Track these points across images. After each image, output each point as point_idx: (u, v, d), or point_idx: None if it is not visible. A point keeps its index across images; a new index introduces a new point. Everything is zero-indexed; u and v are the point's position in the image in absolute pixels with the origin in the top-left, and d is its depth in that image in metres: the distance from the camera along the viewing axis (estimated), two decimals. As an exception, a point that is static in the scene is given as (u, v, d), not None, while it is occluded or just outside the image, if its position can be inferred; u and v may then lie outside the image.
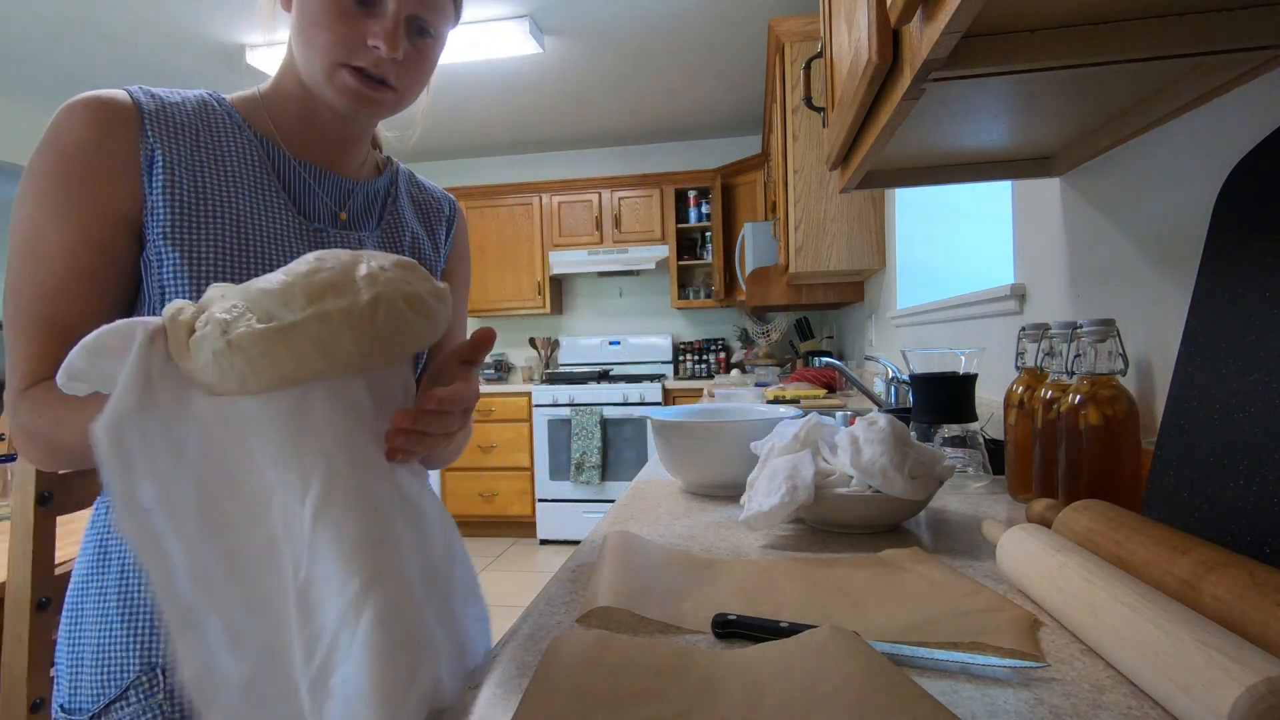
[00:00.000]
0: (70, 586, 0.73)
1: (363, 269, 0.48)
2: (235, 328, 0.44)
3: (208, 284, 0.63)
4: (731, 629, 0.54)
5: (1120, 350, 0.76)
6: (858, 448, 0.80)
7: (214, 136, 0.69)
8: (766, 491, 0.78)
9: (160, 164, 0.64)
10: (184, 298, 0.60)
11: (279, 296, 0.46)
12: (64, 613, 0.73)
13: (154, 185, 0.63)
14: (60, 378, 0.45)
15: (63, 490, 1.14)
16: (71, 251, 0.61)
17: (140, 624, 0.67)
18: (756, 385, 3.36)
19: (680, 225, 4.72)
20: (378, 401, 0.52)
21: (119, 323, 0.46)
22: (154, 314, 0.62)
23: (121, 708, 0.66)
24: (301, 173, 0.74)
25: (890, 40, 0.62)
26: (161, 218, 0.63)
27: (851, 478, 0.81)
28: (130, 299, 0.66)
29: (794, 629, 0.52)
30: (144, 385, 0.44)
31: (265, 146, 0.72)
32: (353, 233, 0.76)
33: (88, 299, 0.62)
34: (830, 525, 0.82)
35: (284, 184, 0.72)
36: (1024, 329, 0.96)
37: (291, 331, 0.45)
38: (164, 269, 0.63)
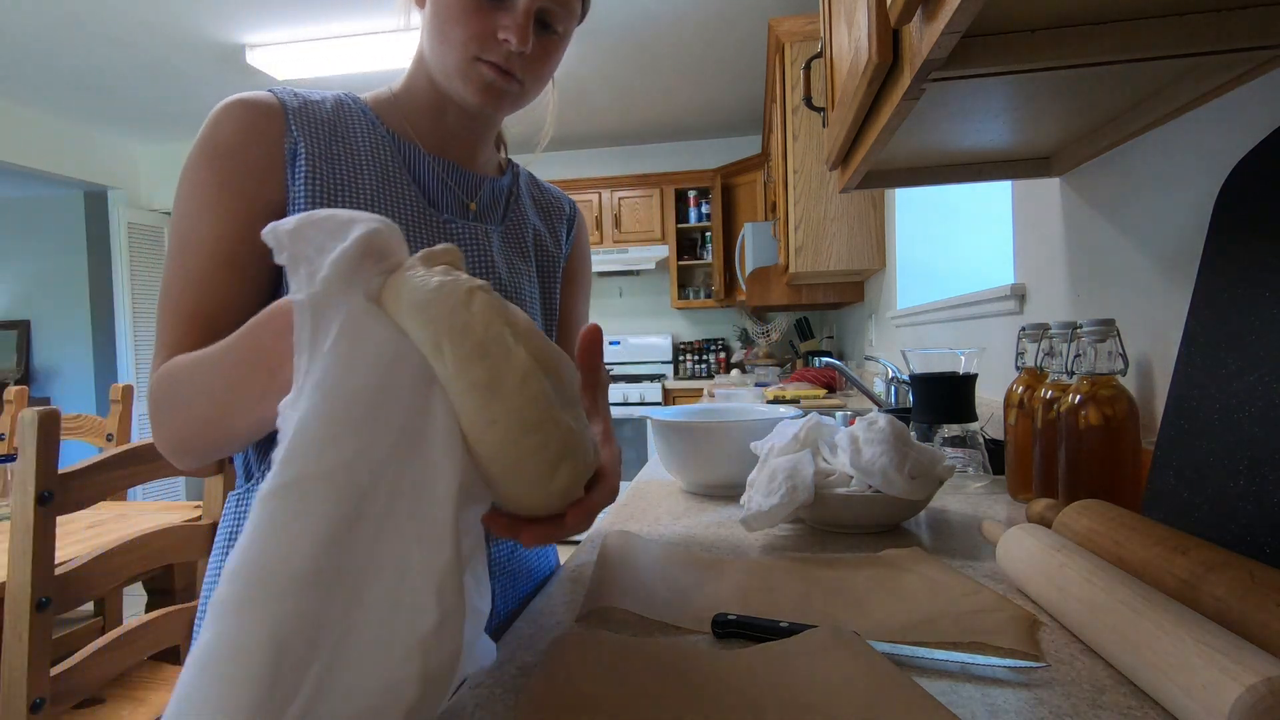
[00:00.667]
0: (204, 589, 0.72)
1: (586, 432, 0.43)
2: (478, 296, 0.40)
3: None
4: (731, 629, 0.54)
5: (1120, 350, 0.76)
6: (858, 448, 0.80)
7: (350, 132, 0.71)
8: (766, 491, 0.78)
9: (303, 157, 0.66)
10: None
11: (519, 318, 0.42)
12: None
13: (296, 178, 0.66)
14: (266, 233, 0.41)
15: (63, 490, 1.14)
16: (219, 240, 0.63)
17: None
18: (756, 385, 3.36)
19: (680, 225, 4.72)
20: None
21: (337, 212, 0.42)
22: None
23: None
24: (434, 166, 0.75)
25: (890, 40, 0.62)
26: (302, 207, 0.65)
27: (851, 478, 0.81)
28: (274, 288, 0.67)
29: (794, 629, 0.52)
30: (349, 276, 0.40)
31: (397, 142, 0.73)
32: (479, 225, 0.77)
33: (230, 286, 0.63)
34: (830, 525, 0.82)
35: (414, 176, 0.74)
36: (1024, 329, 0.96)
37: (514, 359, 0.40)
38: None
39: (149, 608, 1.72)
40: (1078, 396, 0.76)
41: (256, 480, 0.68)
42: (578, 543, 3.05)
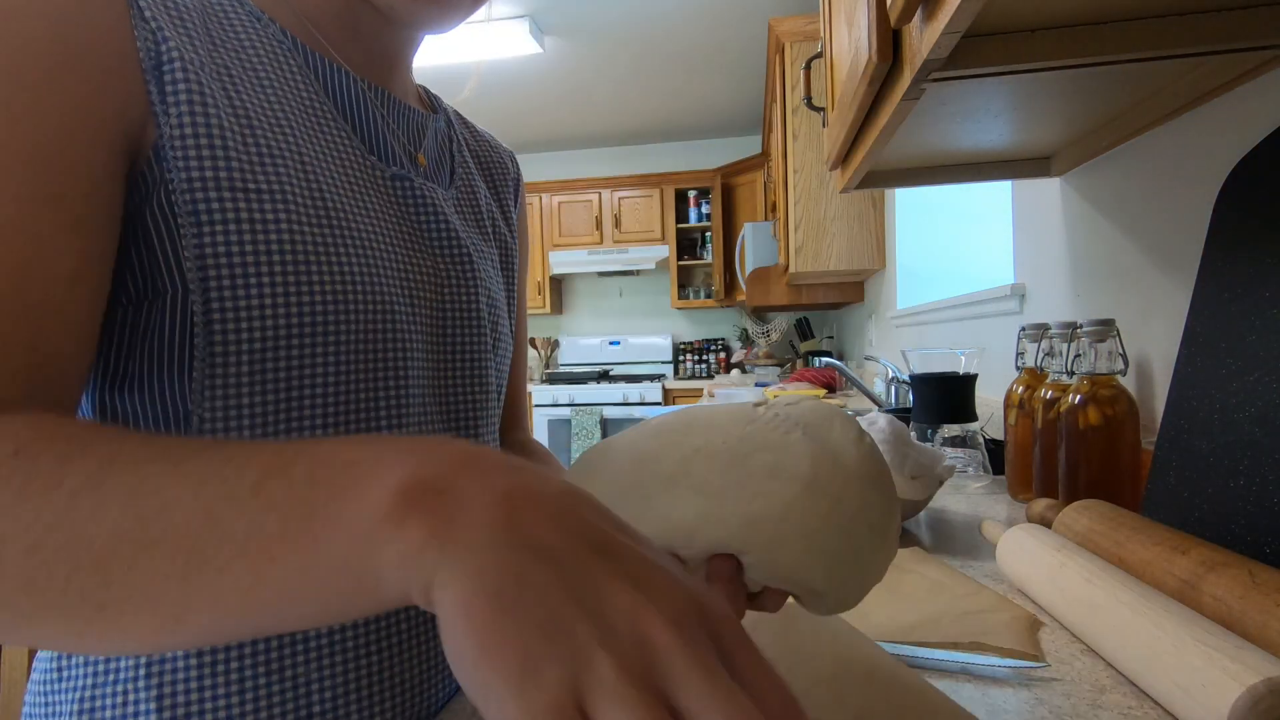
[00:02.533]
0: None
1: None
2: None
3: (269, 266, 0.40)
4: None
5: (1120, 350, 0.76)
6: None
7: (226, 27, 0.44)
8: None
9: (177, 64, 0.39)
10: (236, 284, 0.39)
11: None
12: None
13: (170, 96, 0.39)
14: None
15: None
16: (38, 182, 0.33)
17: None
18: (756, 385, 3.36)
19: (680, 225, 4.72)
20: None
21: None
22: (150, 301, 0.39)
23: None
24: (363, 91, 0.49)
25: (890, 40, 0.62)
26: (196, 148, 0.39)
27: None
28: (112, 269, 0.38)
29: None
30: None
31: (302, 51, 0.47)
32: (431, 184, 0.53)
33: (66, 268, 0.34)
34: None
35: (338, 106, 0.48)
36: (1024, 329, 0.96)
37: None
38: (206, 232, 0.39)
39: (149, 608, 1.72)
40: (1078, 396, 0.76)
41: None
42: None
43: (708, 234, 4.77)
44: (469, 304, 0.52)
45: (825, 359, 1.95)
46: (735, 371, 4.21)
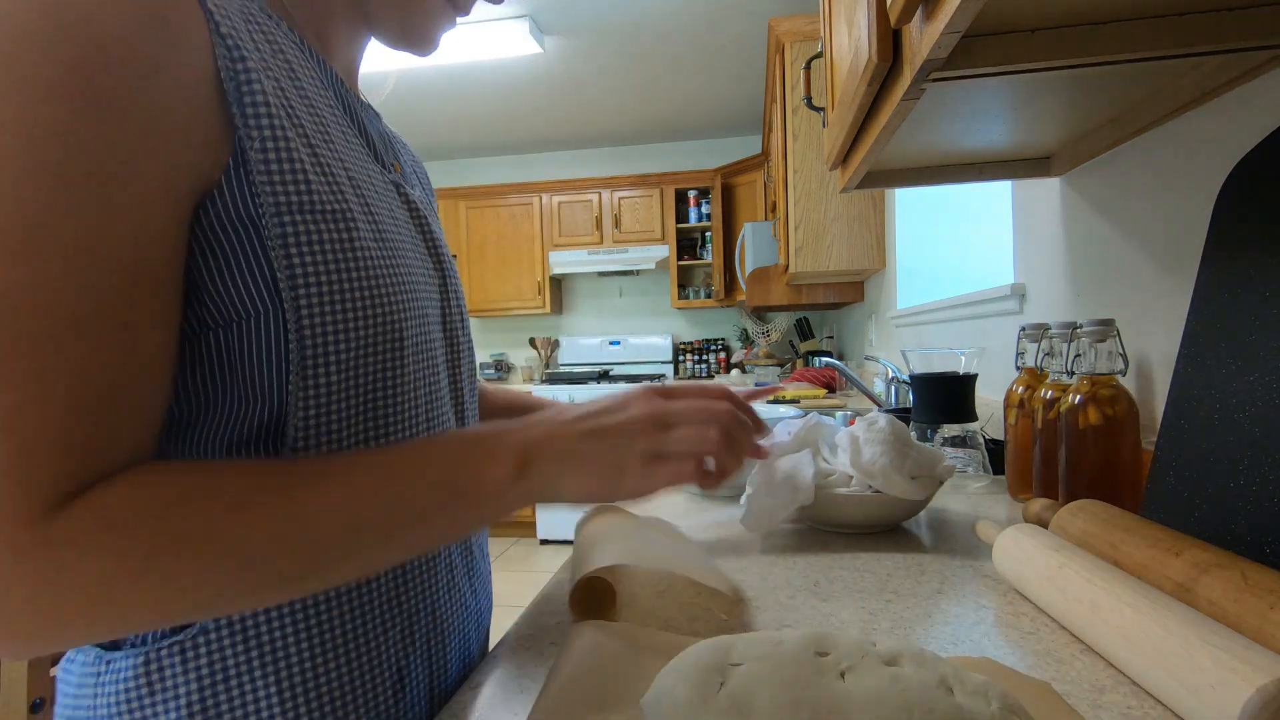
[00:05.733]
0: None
1: None
2: None
3: (350, 284, 0.42)
4: None
5: (1120, 350, 0.76)
6: (858, 448, 0.80)
7: (262, 29, 0.43)
8: (766, 492, 0.78)
9: (256, 86, 0.38)
10: (324, 302, 0.41)
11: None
12: None
13: (252, 120, 0.38)
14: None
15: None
16: (125, 242, 0.34)
17: None
18: (756, 385, 3.36)
19: (680, 225, 4.72)
20: None
21: None
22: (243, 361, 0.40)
23: None
24: (355, 99, 0.51)
25: (890, 40, 0.62)
26: (280, 174, 0.39)
27: (851, 478, 0.81)
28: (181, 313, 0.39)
29: None
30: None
31: (314, 55, 0.47)
32: (407, 186, 0.56)
33: (149, 336, 0.36)
34: (830, 525, 0.82)
35: (348, 114, 0.49)
36: (1024, 329, 0.96)
37: None
38: (294, 254, 0.40)
39: (149, 608, 1.72)
40: (1078, 396, 0.76)
41: (144, 650, 0.41)
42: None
43: (708, 234, 4.77)
44: (457, 299, 0.57)
45: (825, 359, 1.94)
46: (735, 371, 4.21)
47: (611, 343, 5.00)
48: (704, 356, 4.86)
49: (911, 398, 1.10)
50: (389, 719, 0.47)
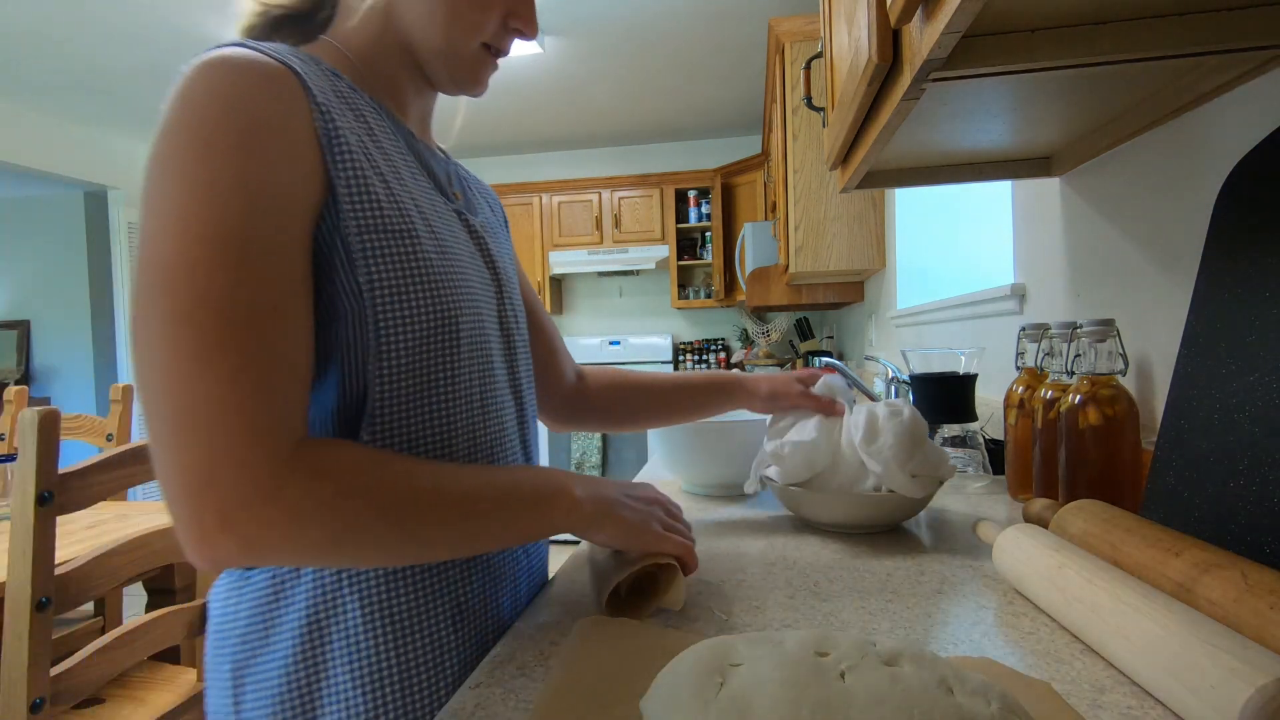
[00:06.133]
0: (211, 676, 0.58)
1: None
2: None
3: (414, 288, 0.54)
4: None
5: (1120, 350, 0.76)
6: (874, 429, 0.80)
7: (349, 101, 0.57)
8: (798, 433, 0.83)
9: (342, 140, 0.52)
10: (392, 303, 0.53)
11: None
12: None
13: (340, 165, 0.51)
14: None
15: (63, 490, 1.14)
16: (287, 256, 0.47)
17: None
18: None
19: (680, 225, 4.72)
20: None
21: None
22: (350, 343, 0.53)
23: None
24: (423, 146, 0.64)
25: (890, 40, 0.62)
26: (362, 203, 0.52)
27: (862, 476, 0.80)
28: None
29: None
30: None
31: (387, 115, 0.60)
32: (467, 213, 0.67)
33: (304, 324, 0.49)
34: (829, 525, 0.82)
35: (417, 158, 0.63)
36: (1024, 329, 0.96)
37: None
38: (372, 265, 0.52)
39: (149, 608, 1.72)
40: (1078, 396, 0.76)
41: (273, 569, 0.55)
42: (578, 542, 3.04)
43: (708, 234, 4.77)
44: (512, 304, 0.69)
45: (825, 359, 1.94)
46: (735, 371, 4.21)
47: (611, 343, 5.00)
48: (704, 356, 4.86)
49: (911, 398, 1.10)
50: (447, 646, 0.57)
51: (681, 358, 4.92)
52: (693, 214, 4.73)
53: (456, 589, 0.59)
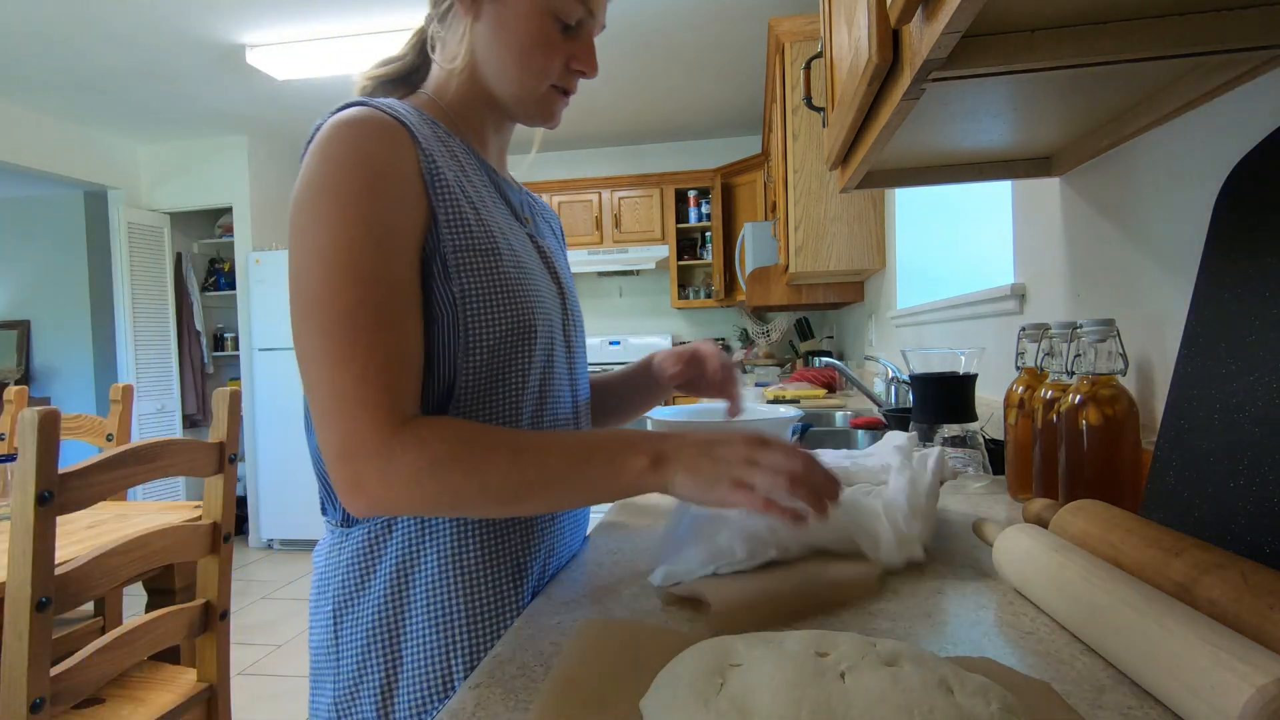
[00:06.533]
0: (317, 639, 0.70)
1: None
2: None
3: (494, 296, 0.65)
4: None
5: (1120, 350, 0.76)
6: (915, 494, 0.71)
7: (447, 147, 0.69)
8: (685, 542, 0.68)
9: (443, 180, 0.64)
10: (479, 309, 0.64)
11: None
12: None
13: (439, 197, 0.63)
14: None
15: (63, 490, 1.14)
16: (404, 279, 0.60)
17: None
18: (756, 385, 3.36)
19: (680, 225, 4.72)
20: None
21: None
22: (445, 349, 0.64)
23: None
24: (501, 178, 0.76)
25: (890, 40, 0.62)
26: (456, 227, 0.64)
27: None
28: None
29: None
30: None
31: (475, 155, 0.73)
32: (538, 236, 0.79)
33: (415, 327, 0.61)
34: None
35: (497, 189, 0.74)
36: (1024, 329, 0.96)
37: None
38: (463, 277, 0.64)
39: (149, 608, 1.72)
40: (1078, 396, 0.76)
41: (367, 527, 0.67)
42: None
43: (708, 234, 4.77)
44: (574, 314, 0.80)
45: (825, 359, 1.95)
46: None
47: (611, 343, 5.00)
48: (704, 356, 4.86)
49: (911, 398, 1.10)
50: (507, 598, 0.67)
51: (681, 358, 4.91)
52: (693, 214, 4.73)
53: (516, 550, 0.68)
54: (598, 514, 3.05)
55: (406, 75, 0.78)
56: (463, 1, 0.70)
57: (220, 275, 5.15)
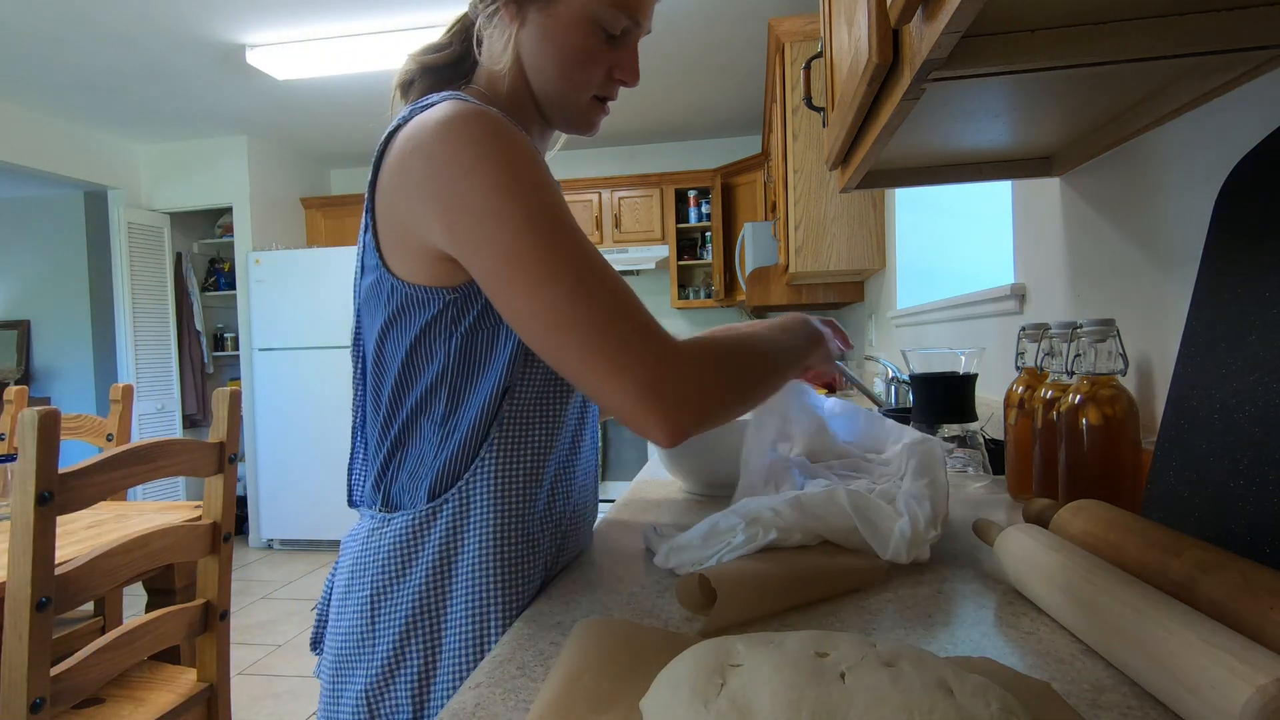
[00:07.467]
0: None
1: None
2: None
3: None
4: None
5: (1120, 350, 0.76)
6: (926, 464, 0.74)
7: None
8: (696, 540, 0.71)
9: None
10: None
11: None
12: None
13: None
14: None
15: (63, 490, 1.14)
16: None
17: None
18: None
19: (680, 225, 4.72)
20: None
21: None
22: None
23: None
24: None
25: (890, 40, 0.62)
26: None
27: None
28: None
29: None
30: None
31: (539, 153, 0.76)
32: None
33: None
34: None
35: None
36: (1024, 329, 0.96)
37: None
38: None
39: (149, 608, 1.72)
40: (1078, 396, 0.76)
41: (410, 513, 0.67)
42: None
43: (708, 234, 4.77)
44: None
45: (825, 359, 1.94)
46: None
47: (611, 343, 4.99)
48: (704, 356, 4.86)
49: (911, 398, 1.10)
50: (538, 583, 0.69)
51: (681, 358, 4.91)
52: (693, 214, 4.73)
53: (553, 541, 0.71)
54: (598, 514, 3.06)
55: (454, 64, 0.77)
56: (508, 8, 0.69)
57: (220, 275, 5.15)
